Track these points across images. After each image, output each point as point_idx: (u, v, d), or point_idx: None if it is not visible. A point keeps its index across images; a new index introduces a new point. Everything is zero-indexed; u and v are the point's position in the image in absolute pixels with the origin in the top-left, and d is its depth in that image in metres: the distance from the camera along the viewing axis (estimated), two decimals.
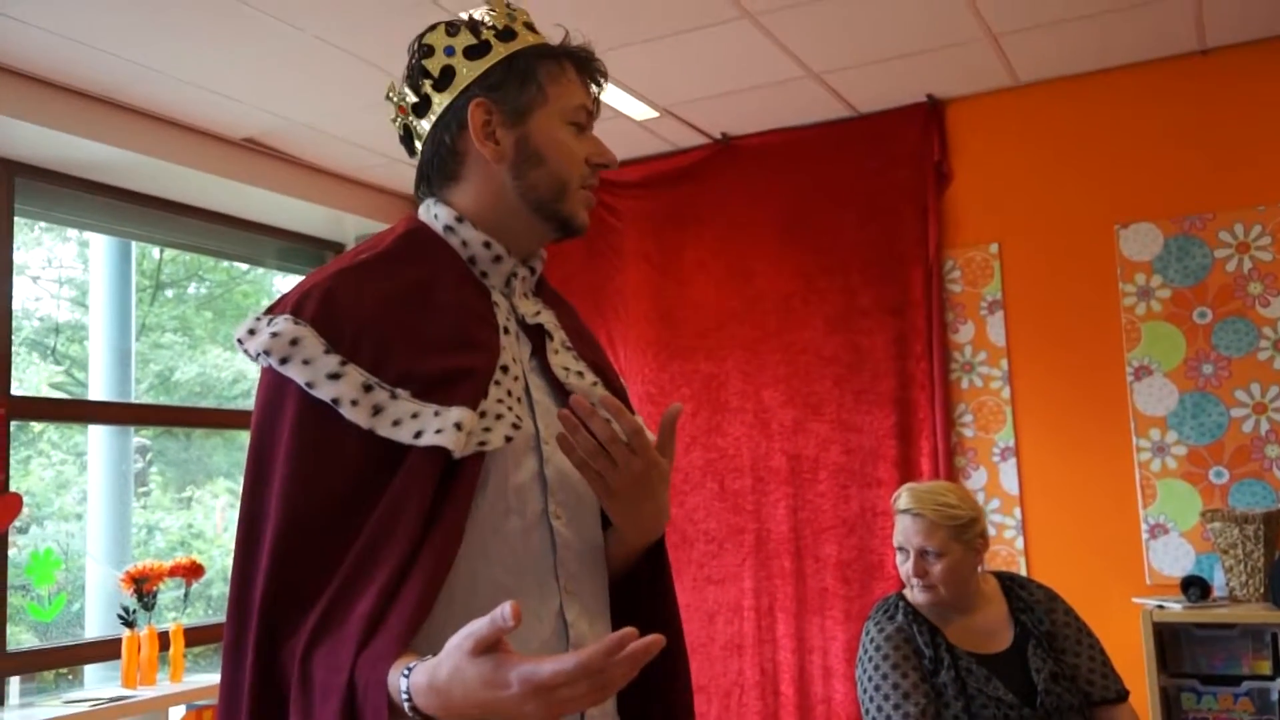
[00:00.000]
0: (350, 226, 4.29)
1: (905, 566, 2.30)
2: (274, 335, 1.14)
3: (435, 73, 1.26)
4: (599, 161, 1.29)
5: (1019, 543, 3.54)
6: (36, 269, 4.08)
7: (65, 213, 3.62)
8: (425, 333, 1.18)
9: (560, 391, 1.26)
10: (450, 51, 1.26)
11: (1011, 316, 3.63)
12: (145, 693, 3.08)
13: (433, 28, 1.29)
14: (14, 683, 3.20)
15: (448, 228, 1.26)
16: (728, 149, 4.04)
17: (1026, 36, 3.26)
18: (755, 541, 3.86)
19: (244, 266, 4.68)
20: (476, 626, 0.92)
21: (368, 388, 1.13)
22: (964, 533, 2.27)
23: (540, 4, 2.87)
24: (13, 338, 3.24)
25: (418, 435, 1.11)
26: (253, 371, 4.23)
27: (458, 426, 1.11)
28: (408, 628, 1.02)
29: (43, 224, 3.89)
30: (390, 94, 1.32)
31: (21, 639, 3.40)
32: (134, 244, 4.03)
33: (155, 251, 4.47)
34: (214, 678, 3.26)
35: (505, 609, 0.90)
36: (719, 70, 3.39)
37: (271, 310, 1.19)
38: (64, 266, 4.27)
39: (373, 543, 1.08)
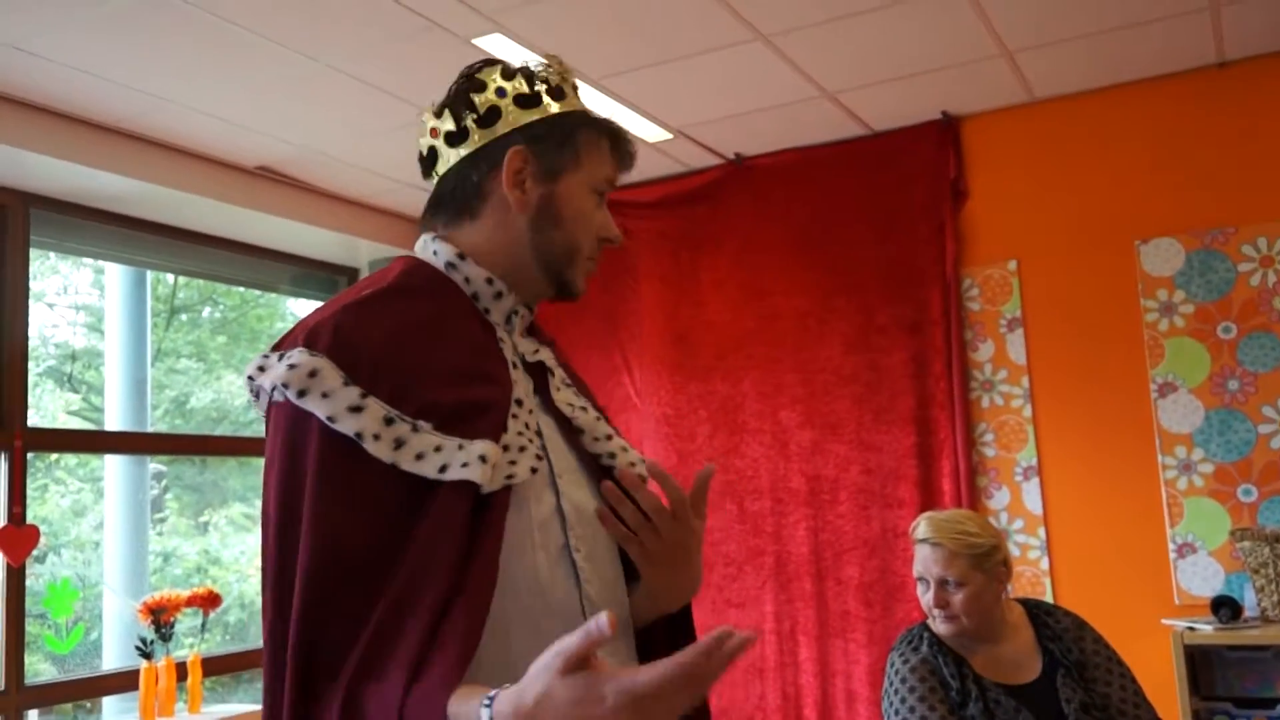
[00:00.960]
0: (363, 251, 4.29)
1: (926, 597, 2.26)
2: (291, 367, 1.10)
3: (481, 109, 1.26)
4: (606, 236, 1.31)
5: (1044, 563, 3.49)
6: (53, 296, 4.10)
7: (80, 243, 3.62)
8: (440, 365, 1.16)
9: (566, 428, 1.26)
10: (501, 93, 1.26)
11: (1032, 334, 3.59)
12: None
13: (488, 63, 1.29)
14: (32, 716, 3.19)
15: (449, 264, 1.26)
16: (742, 169, 4.01)
17: (1042, 52, 3.23)
18: (775, 564, 3.82)
19: (258, 291, 4.69)
20: (567, 643, 0.88)
21: (389, 421, 1.10)
22: (984, 561, 2.23)
23: (556, 27, 2.86)
24: (30, 366, 3.24)
25: (443, 469, 1.09)
26: None
27: (483, 459, 1.09)
28: (459, 662, 0.99)
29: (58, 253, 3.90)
30: (427, 114, 1.31)
31: (39, 669, 3.39)
32: (149, 271, 4.04)
33: (169, 276, 4.48)
34: (232, 708, 3.25)
35: (602, 619, 0.86)
36: (732, 91, 3.37)
37: (279, 346, 1.16)
38: (80, 293, 4.29)
39: (409, 586, 1.05)
